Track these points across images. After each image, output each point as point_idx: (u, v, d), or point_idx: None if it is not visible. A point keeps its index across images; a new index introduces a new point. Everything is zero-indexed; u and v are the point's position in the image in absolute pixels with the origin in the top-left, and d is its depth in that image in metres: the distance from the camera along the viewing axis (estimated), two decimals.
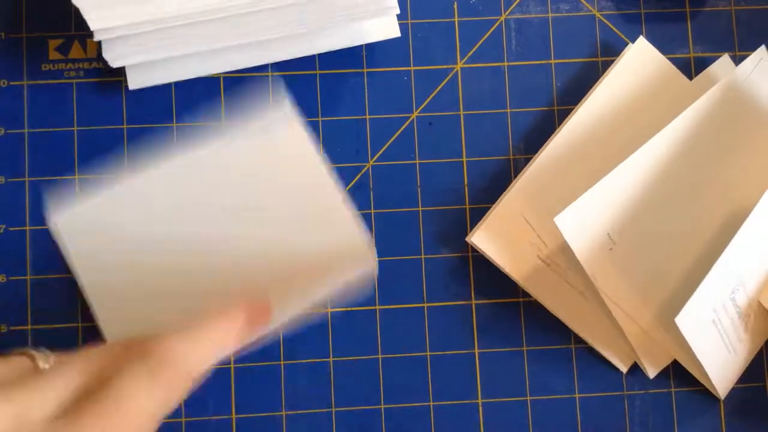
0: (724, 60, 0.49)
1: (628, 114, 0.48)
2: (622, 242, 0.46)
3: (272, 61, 0.48)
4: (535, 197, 0.47)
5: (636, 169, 0.46)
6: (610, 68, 0.49)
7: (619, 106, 0.48)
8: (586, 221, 0.45)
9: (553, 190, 0.47)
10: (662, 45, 0.49)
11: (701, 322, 0.44)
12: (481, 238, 0.47)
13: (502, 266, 0.47)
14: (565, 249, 0.45)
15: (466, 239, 0.48)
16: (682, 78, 0.49)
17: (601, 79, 0.49)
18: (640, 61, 0.49)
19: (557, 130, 0.48)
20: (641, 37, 0.49)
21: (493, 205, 0.48)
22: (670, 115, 0.46)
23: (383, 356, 0.48)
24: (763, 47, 0.48)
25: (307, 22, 0.45)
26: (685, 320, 0.43)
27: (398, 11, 0.45)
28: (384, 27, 0.48)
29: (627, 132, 0.47)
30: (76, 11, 0.44)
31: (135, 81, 0.47)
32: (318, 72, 0.49)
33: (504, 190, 0.49)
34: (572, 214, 0.44)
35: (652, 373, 0.47)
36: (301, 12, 0.45)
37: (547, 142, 0.48)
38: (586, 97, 0.48)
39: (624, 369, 0.48)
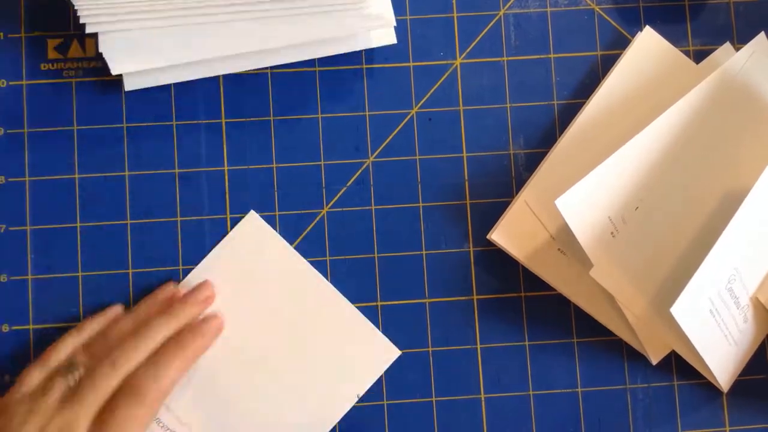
0: (726, 47, 0.49)
1: (639, 103, 0.49)
2: (624, 229, 0.46)
3: (270, 65, 0.48)
4: (551, 191, 0.47)
5: (635, 154, 0.46)
6: (618, 60, 0.49)
7: (629, 97, 0.49)
8: (586, 204, 0.45)
9: (569, 183, 0.46)
10: None
11: (698, 312, 0.44)
12: (501, 235, 0.47)
13: (524, 262, 0.47)
14: (568, 234, 0.45)
15: (486, 237, 0.48)
16: (691, 64, 0.49)
17: (610, 71, 0.49)
18: (647, 50, 0.49)
19: (570, 124, 0.48)
20: (647, 26, 0.49)
21: (512, 202, 0.48)
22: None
23: None
24: (762, 34, 0.49)
25: (307, 35, 0.46)
26: (681, 310, 0.43)
27: (395, 24, 0.46)
28: (380, 35, 0.48)
29: (639, 121, 0.47)
30: (75, 11, 0.44)
31: (131, 82, 0.47)
32: (317, 69, 0.49)
33: (504, 185, 0.49)
34: (573, 197, 0.44)
35: (655, 359, 0.47)
36: (302, 25, 0.45)
37: (560, 137, 0.48)
38: (596, 89, 0.49)
39: (654, 361, 0.47)
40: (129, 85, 0.47)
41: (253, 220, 0.48)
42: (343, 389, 0.47)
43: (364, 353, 0.47)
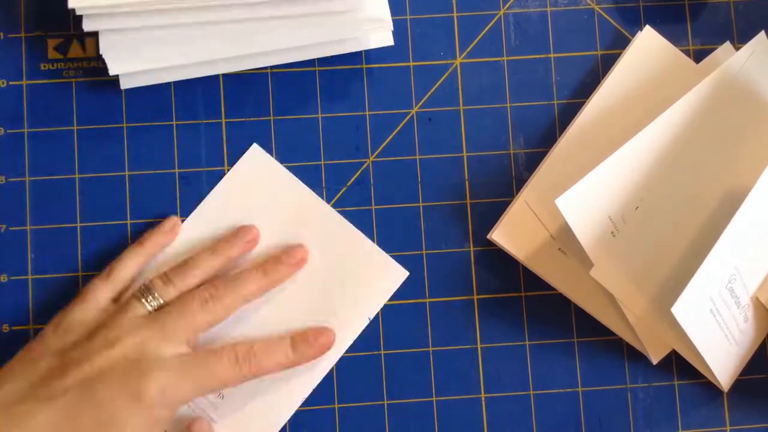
0: (726, 46, 0.50)
1: (639, 103, 0.49)
2: (624, 229, 0.46)
3: (269, 65, 0.48)
4: (551, 191, 0.47)
5: (635, 153, 0.46)
6: (618, 59, 0.49)
7: (629, 96, 0.49)
8: (587, 203, 0.45)
9: (570, 182, 0.46)
10: None
11: (698, 311, 0.44)
12: (501, 235, 0.47)
13: (525, 262, 0.47)
14: (568, 233, 0.45)
15: (487, 236, 0.48)
16: (690, 63, 0.50)
17: (610, 70, 0.49)
18: (647, 49, 0.49)
19: (570, 123, 0.48)
20: (647, 26, 0.49)
21: (512, 201, 0.48)
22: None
23: (385, 352, 0.48)
24: (762, 33, 0.49)
25: (305, 38, 0.46)
26: (682, 310, 0.43)
27: (392, 28, 0.46)
28: (378, 37, 0.48)
29: (639, 120, 0.47)
30: (75, 11, 0.44)
31: (127, 81, 0.47)
32: (317, 69, 0.49)
33: (504, 185, 0.49)
34: (573, 196, 0.44)
35: (655, 359, 0.47)
36: (300, 27, 0.46)
37: (560, 137, 0.48)
38: (596, 89, 0.49)
39: (655, 360, 0.47)
40: (125, 84, 0.47)
41: (256, 152, 0.48)
42: (354, 313, 0.47)
43: (373, 277, 0.48)
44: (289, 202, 0.48)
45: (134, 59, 0.46)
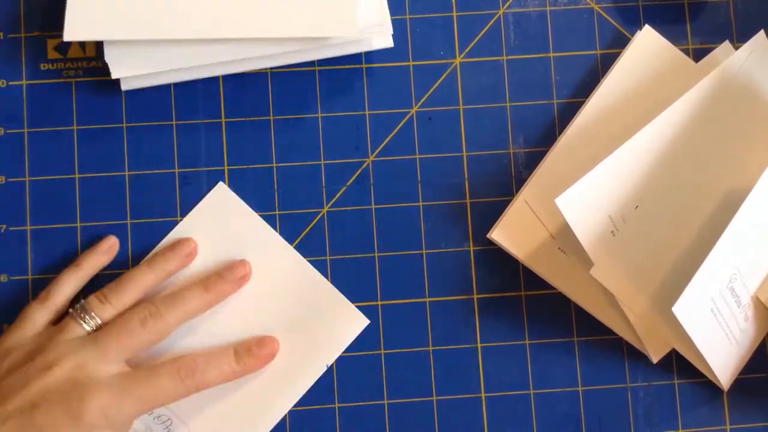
0: (725, 46, 0.50)
1: (638, 102, 0.49)
2: (624, 228, 0.46)
3: (270, 67, 0.48)
4: (551, 190, 0.47)
5: (634, 153, 0.46)
6: (618, 59, 0.49)
7: (628, 95, 0.49)
8: (587, 202, 0.45)
9: (569, 182, 0.46)
10: None
11: (699, 311, 0.44)
12: (500, 234, 0.47)
13: (524, 261, 0.47)
14: (568, 232, 0.45)
15: (486, 236, 0.48)
16: (690, 63, 0.50)
17: (609, 69, 0.49)
18: (647, 49, 0.49)
19: (569, 123, 0.48)
20: (647, 25, 0.49)
21: (512, 200, 0.48)
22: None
23: (386, 351, 0.48)
24: (761, 32, 0.49)
25: (310, 53, 0.47)
26: (683, 309, 0.43)
27: (392, 31, 0.47)
28: (378, 39, 0.48)
29: (639, 119, 0.47)
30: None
31: (128, 82, 0.47)
32: (317, 68, 0.49)
33: (504, 184, 0.49)
34: (573, 195, 0.44)
35: (655, 358, 0.47)
36: (302, 39, 0.46)
37: (560, 136, 0.48)
38: (596, 88, 0.49)
39: (655, 360, 0.47)
40: (126, 85, 0.47)
41: (221, 191, 0.48)
42: (313, 359, 0.47)
43: (334, 323, 0.47)
44: (252, 242, 0.47)
45: (136, 63, 0.46)
